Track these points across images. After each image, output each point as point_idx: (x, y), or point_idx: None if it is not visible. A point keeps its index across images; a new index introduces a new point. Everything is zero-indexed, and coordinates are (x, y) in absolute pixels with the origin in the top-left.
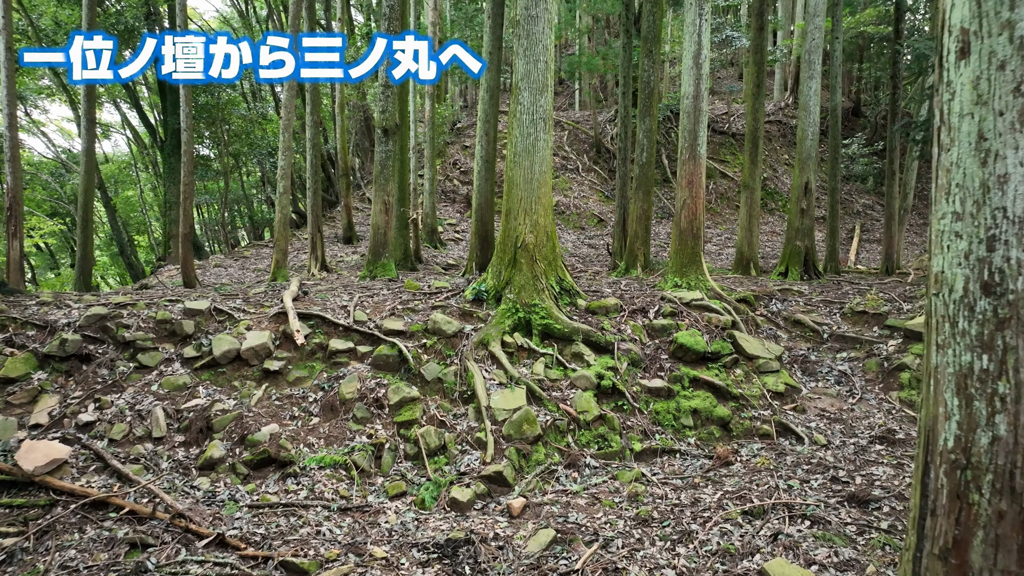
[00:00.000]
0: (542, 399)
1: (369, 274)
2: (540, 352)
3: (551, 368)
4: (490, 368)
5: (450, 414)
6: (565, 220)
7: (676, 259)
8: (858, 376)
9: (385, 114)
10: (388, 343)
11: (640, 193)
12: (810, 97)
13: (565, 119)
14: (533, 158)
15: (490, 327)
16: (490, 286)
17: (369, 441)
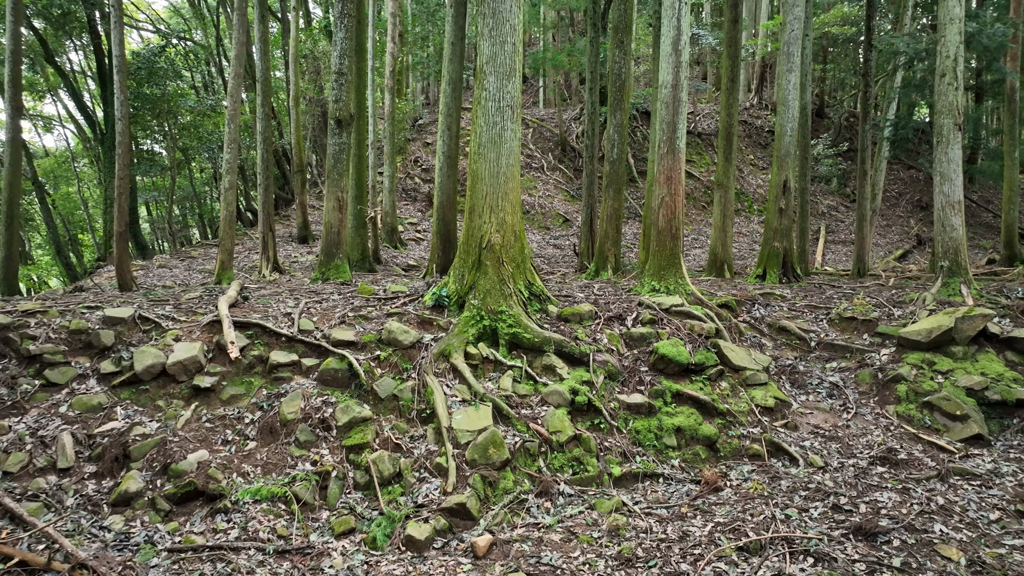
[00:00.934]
0: (510, 418)
1: (321, 276)
2: (508, 364)
3: (520, 382)
4: (452, 383)
5: (407, 436)
6: (530, 220)
7: (653, 261)
8: (851, 388)
9: (339, 104)
10: (337, 355)
11: (611, 191)
12: (789, 91)
13: (529, 116)
14: (499, 150)
15: (452, 337)
16: (452, 291)
17: (313, 469)
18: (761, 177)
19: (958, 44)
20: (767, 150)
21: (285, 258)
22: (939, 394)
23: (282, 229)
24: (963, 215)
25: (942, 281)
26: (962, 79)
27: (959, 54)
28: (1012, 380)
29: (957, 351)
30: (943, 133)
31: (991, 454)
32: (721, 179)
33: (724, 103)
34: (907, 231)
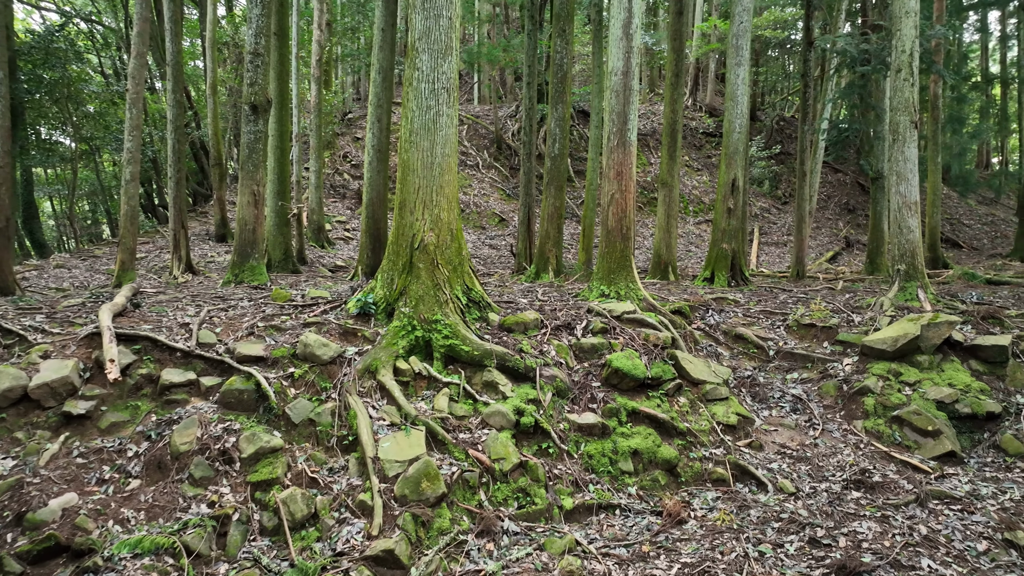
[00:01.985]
0: (446, 444)
1: (233, 279)
2: (443, 381)
3: (457, 402)
4: (379, 404)
5: (325, 468)
6: (465, 219)
7: (603, 264)
8: (815, 402)
9: (254, 87)
10: (243, 373)
11: (552, 189)
12: (738, 86)
13: (464, 113)
14: (434, 137)
15: (379, 350)
16: (380, 297)
17: (210, 512)
18: (696, 178)
19: (913, 39)
20: (701, 151)
21: (200, 258)
22: (908, 408)
23: (199, 226)
24: (919, 216)
25: (899, 285)
26: (918, 75)
27: (915, 49)
28: (980, 391)
29: (923, 360)
30: (899, 131)
31: (966, 473)
32: (666, 178)
33: (668, 99)
34: (836, 233)
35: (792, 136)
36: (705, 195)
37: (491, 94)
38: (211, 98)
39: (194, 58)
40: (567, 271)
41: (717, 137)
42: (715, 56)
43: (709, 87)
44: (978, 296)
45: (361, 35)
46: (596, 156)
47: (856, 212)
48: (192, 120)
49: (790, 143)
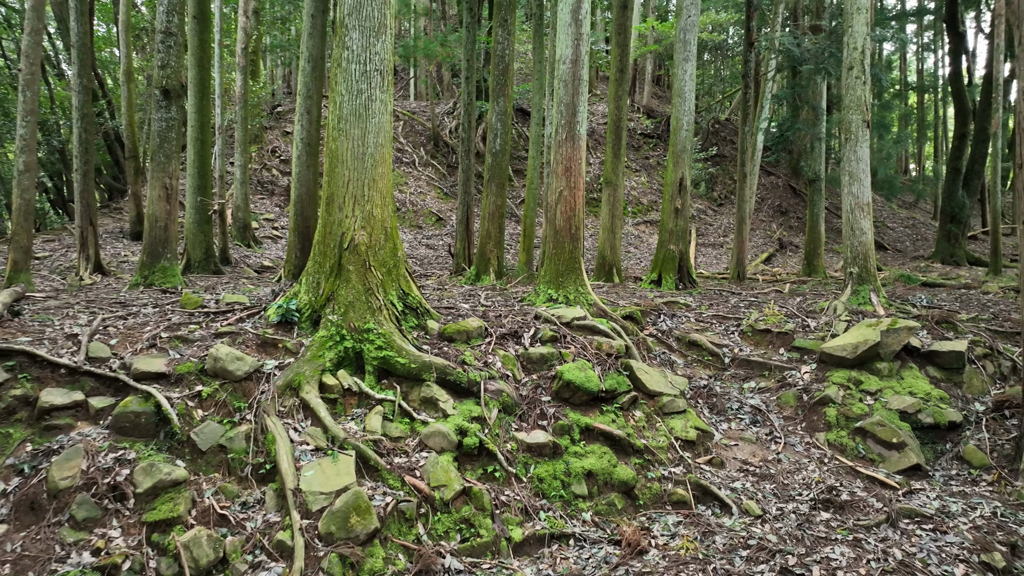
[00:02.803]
0: (380, 470)
1: (142, 281)
2: (377, 398)
3: (393, 421)
4: (302, 425)
5: (237, 503)
6: (401, 218)
7: (550, 266)
8: (775, 413)
9: (166, 70)
10: (140, 393)
11: (493, 186)
12: (685, 82)
13: (400, 109)
14: (366, 125)
15: (303, 363)
16: (304, 303)
17: (95, 561)
18: (634, 179)
19: (865, 35)
20: (639, 152)
21: (112, 257)
22: (872, 419)
23: (113, 223)
24: (872, 218)
25: (852, 289)
26: (869, 73)
27: (866, 46)
28: (940, 400)
29: (883, 368)
30: (851, 130)
31: (933, 488)
32: (610, 176)
33: (613, 95)
34: (770, 235)
35: (727, 139)
36: (643, 196)
37: (428, 90)
38: (126, 85)
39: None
40: (509, 273)
41: (655, 138)
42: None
43: (646, 89)
44: (927, 300)
45: (292, 26)
46: (537, 154)
47: (788, 214)
48: (106, 109)
49: (725, 146)
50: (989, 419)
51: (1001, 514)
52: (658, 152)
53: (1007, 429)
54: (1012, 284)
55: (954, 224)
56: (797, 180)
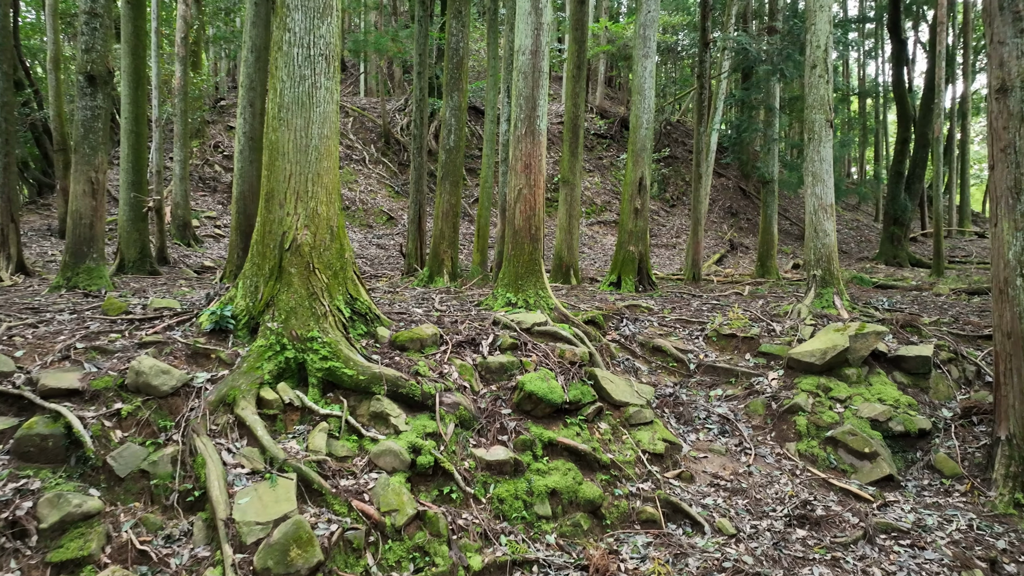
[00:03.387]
0: (324, 494)
1: (65, 283)
2: (321, 413)
3: (339, 439)
4: (237, 446)
5: (160, 536)
6: (351, 217)
7: (509, 268)
8: (743, 422)
9: (91, 54)
10: (48, 412)
11: (447, 184)
12: (645, 79)
13: (350, 105)
14: (310, 114)
15: (239, 375)
16: (241, 309)
17: None
18: (588, 179)
19: (828, 33)
20: (593, 153)
21: (39, 256)
22: (843, 428)
23: (40, 220)
24: (835, 219)
25: (815, 292)
26: (831, 71)
27: (829, 44)
28: (908, 407)
29: (851, 374)
30: (814, 130)
31: (907, 500)
32: (567, 175)
33: (570, 92)
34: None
35: (679, 141)
36: (597, 196)
37: (379, 86)
38: (53, 74)
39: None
40: (463, 274)
41: (608, 139)
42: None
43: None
44: (888, 303)
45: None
46: (491, 152)
47: (738, 216)
48: (33, 99)
49: (677, 147)
50: (958, 426)
51: (977, 527)
52: (611, 152)
53: (976, 436)
54: (960, 286)
55: (897, 226)
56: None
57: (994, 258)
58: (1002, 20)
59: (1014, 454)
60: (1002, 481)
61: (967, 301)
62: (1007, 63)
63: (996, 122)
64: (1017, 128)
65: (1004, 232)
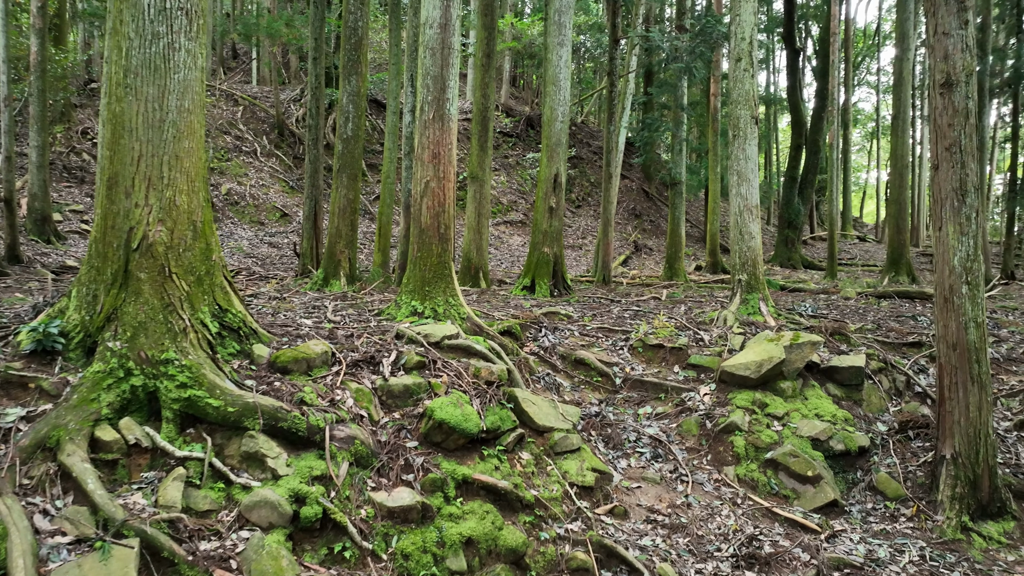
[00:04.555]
0: (177, 563)
1: None
2: (178, 456)
3: (200, 487)
4: (59, 505)
5: None
6: (240, 213)
7: (415, 272)
8: (676, 444)
9: None
10: None
11: (344, 178)
12: (560, 68)
13: (239, 93)
14: (166, 82)
15: (67, 411)
16: (75, 323)
17: None
18: (494, 178)
19: (753, 25)
20: (499, 151)
21: None
22: (784, 449)
23: None
24: (760, 221)
25: (740, 297)
26: (757, 66)
27: (754, 37)
28: (845, 422)
29: (787, 387)
30: (739, 127)
31: (854, 527)
32: (476, 171)
33: (479, 82)
34: (625, 237)
35: (583, 141)
36: (503, 196)
37: (272, 75)
38: None
39: None
40: (362, 277)
41: (514, 137)
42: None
43: (504, 87)
44: (812, 308)
45: None
46: (393, 146)
47: (642, 217)
48: None
49: (582, 148)
50: (895, 441)
51: (930, 557)
52: (517, 151)
53: (915, 452)
54: (865, 290)
55: (791, 230)
56: (649, 184)
57: (938, 265)
58: (947, 10)
59: (960, 474)
60: (948, 504)
61: (877, 305)
62: (952, 56)
63: (940, 119)
64: (963, 125)
65: (949, 237)
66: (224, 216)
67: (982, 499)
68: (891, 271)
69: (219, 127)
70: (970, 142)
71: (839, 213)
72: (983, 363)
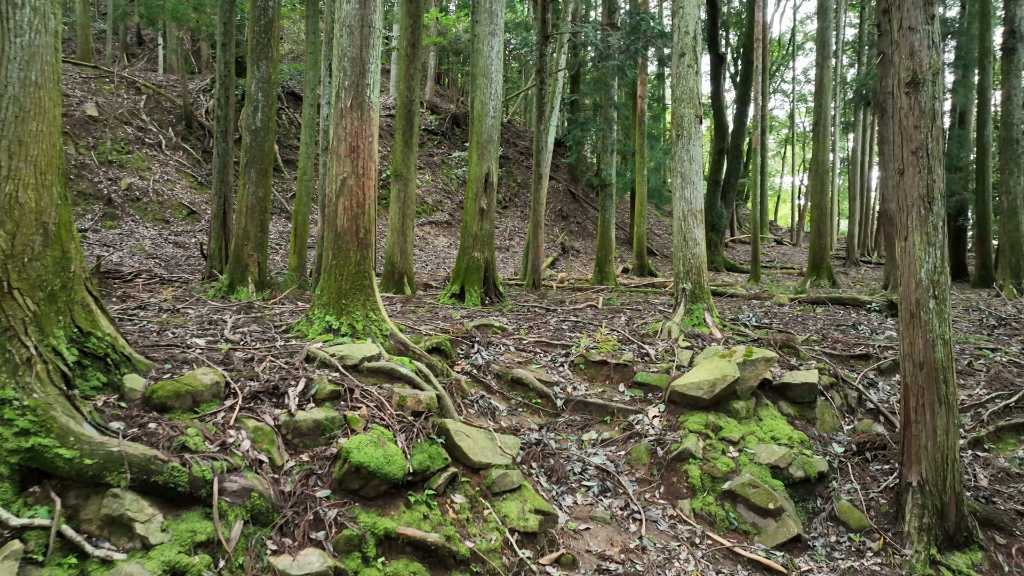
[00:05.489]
0: None
1: None
2: (13, 525)
3: (44, 563)
4: None
5: None
6: (142, 210)
7: (330, 282)
8: (626, 475)
9: None
10: None
11: (252, 173)
12: (492, 60)
13: (143, 81)
14: (3, 47)
15: None
16: None
17: None
18: (419, 177)
19: (697, 19)
20: (423, 149)
21: None
22: (742, 479)
23: None
24: (704, 227)
25: (684, 308)
26: (700, 62)
27: (698, 31)
28: (802, 444)
29: (740, 408)
30: (683, 126)
31: (819, 564)
32: (400, 169)
33: (403, 73)
34: (552, 239)
35: (510, 141)
36: (428, 195)
37: (180, 63)
38: None
39: None
40: (275, 282)
41: (439, 135)
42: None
43: (429, 85)
44: (756, 318)
45: None
46: (310, 141)
47: (569, 219)
48: None
49: (508, 147)
50: (854, 465)
51: None
52: (443, 150)
53: (874, 476)
54: (797, 296)
55: (714, 233)
56: (576, 185)
57: (903, 277)
58: (912, 3)
59: (927, 503)
60: (916, 535)
61: (813, 312)
62: (918, 52)
63: (906, 120)
64: (929, 127)
65: (915, 247)
66: (124, 213)
67: (949, 529)
68: (813, 275)
69: (119, 116)
70: (937, 145)
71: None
72: (950, 383)
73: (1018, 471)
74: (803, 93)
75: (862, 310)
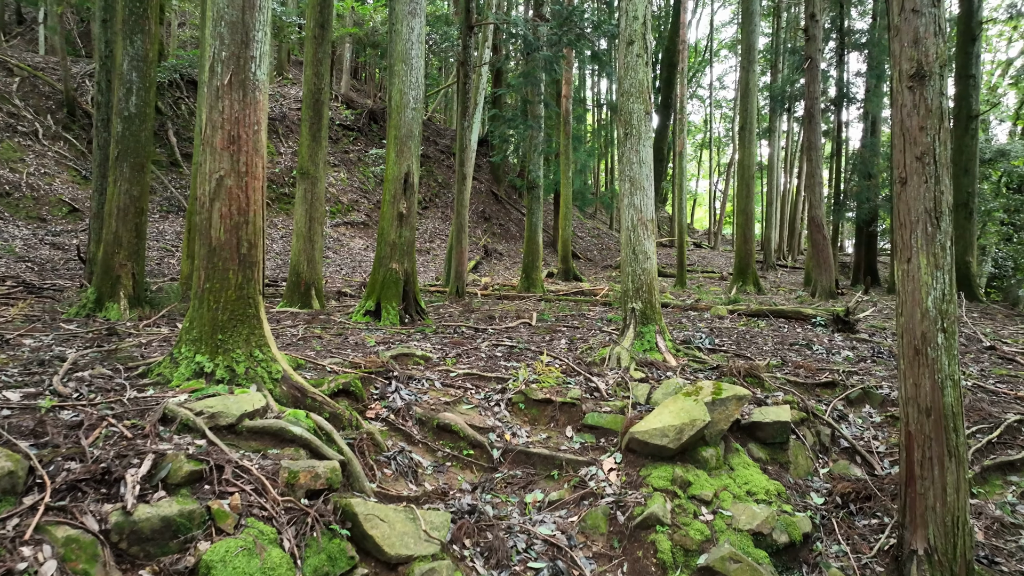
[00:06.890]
0: None
1: None
2: None
3: None
4: None
5: None
6: (13, 207)
7: (201, 311)
8: (580, 548)
9: None
10: None
11: (125, 167)
12: (412, 44)
13: (17, 61)
14: None
15: None
16: None
17: None
18: (333, 175)
19: (647, 4)
20: (339, 145)
21: None
22: (720, 552)
23: None
24: (656, 238)
25: (635, 330)
26: (651, 52)
27: (648, 17)
28: (778, 495)
29: (710, 456)
30: (632, 123)
31: None
32: (307, 167)
33: (311, 57)
34: (475, 242)
35: (430, 139)
36: (343, 194)
37: (60, 41)
38: None
39: None
40: (155, 297)
41: (355, 131)
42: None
43: (344, 78)
44: (710, 340)
45: None
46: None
47: (492, 220)
48: None
49: (427, 145)
50: (838, 521)
51: None
52: (359, 146)
53: (863, 535)
54: (736, 308)
55: None
56: (498, 186)
57: (905, 306)
58: None
59: (936, 574)
60: None
61: (756, 326)
62: (923, 40)
63: (909, 120)
64: (937, 129)
65: (921, 271)
66: None
67: None
68: (739, 280)
69: None
70: (945, 151)
71: (676, 220)
72: (960, 431)
73: (1012, 520)
74: (718, 99)
75: (807, 324)
